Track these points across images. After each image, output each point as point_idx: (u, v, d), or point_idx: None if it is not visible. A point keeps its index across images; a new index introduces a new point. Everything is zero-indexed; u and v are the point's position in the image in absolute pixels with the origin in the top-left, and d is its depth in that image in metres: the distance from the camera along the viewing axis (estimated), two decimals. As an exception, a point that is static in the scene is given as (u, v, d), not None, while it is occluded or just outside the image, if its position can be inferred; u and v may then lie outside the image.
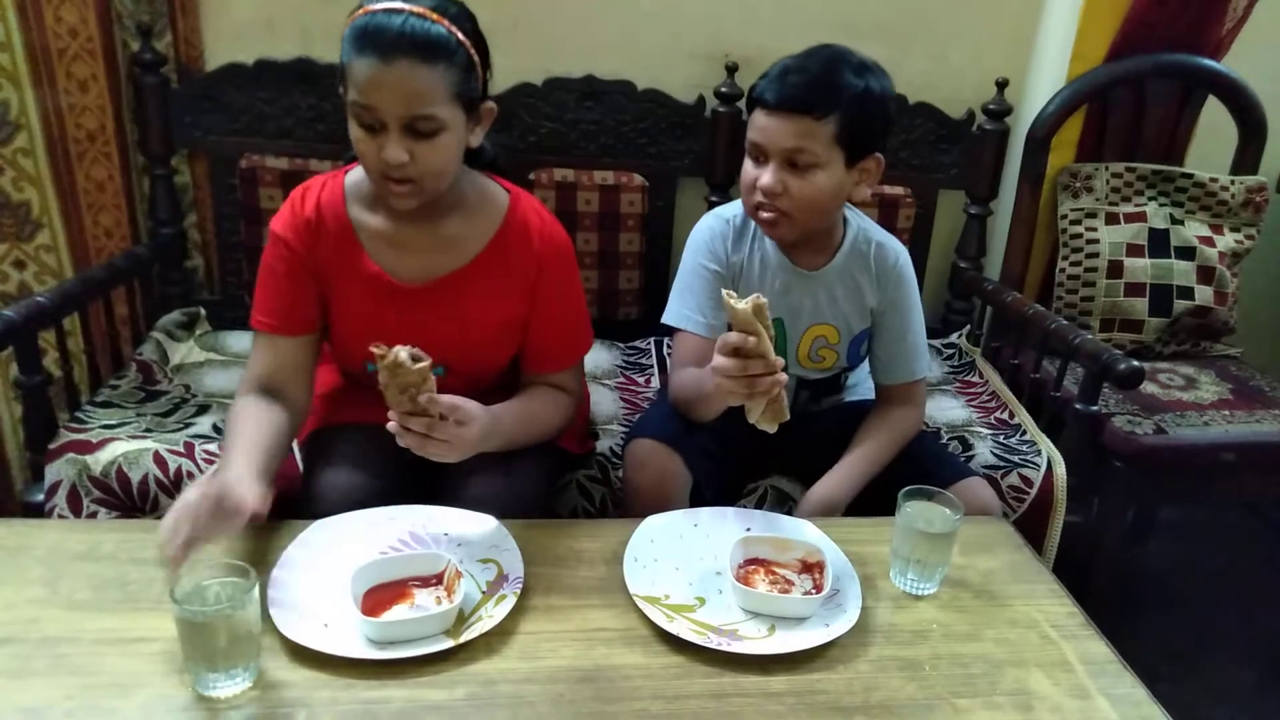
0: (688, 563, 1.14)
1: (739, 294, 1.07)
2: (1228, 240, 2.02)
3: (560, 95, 1.93)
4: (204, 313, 1.96)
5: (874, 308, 1.44)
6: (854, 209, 1.47)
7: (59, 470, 1.41)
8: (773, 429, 1.13)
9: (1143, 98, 2.01)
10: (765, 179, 1.28)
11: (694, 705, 0.93)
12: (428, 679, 0.93)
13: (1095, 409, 1.66)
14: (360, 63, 1.09)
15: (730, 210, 1.45)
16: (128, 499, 1.40)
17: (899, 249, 1.45)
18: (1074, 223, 2.02)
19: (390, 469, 1.25)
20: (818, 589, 1.08)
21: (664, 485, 1.32)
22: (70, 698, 0.88)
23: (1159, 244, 2.00)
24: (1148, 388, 1.85)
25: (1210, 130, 2.06)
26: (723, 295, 1.07)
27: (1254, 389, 1.90)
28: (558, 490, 1.46)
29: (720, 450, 1.39)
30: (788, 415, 1.12)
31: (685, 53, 1.97)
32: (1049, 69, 2.03)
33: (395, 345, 1.02)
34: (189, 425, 1.56)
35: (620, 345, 2.01)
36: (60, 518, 1.39)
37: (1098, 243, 2.00)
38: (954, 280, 2.15)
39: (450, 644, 0.96)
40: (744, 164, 1.34)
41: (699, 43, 1.97)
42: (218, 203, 1.93)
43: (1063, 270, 2.03)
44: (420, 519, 1.16)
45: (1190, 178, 2.03)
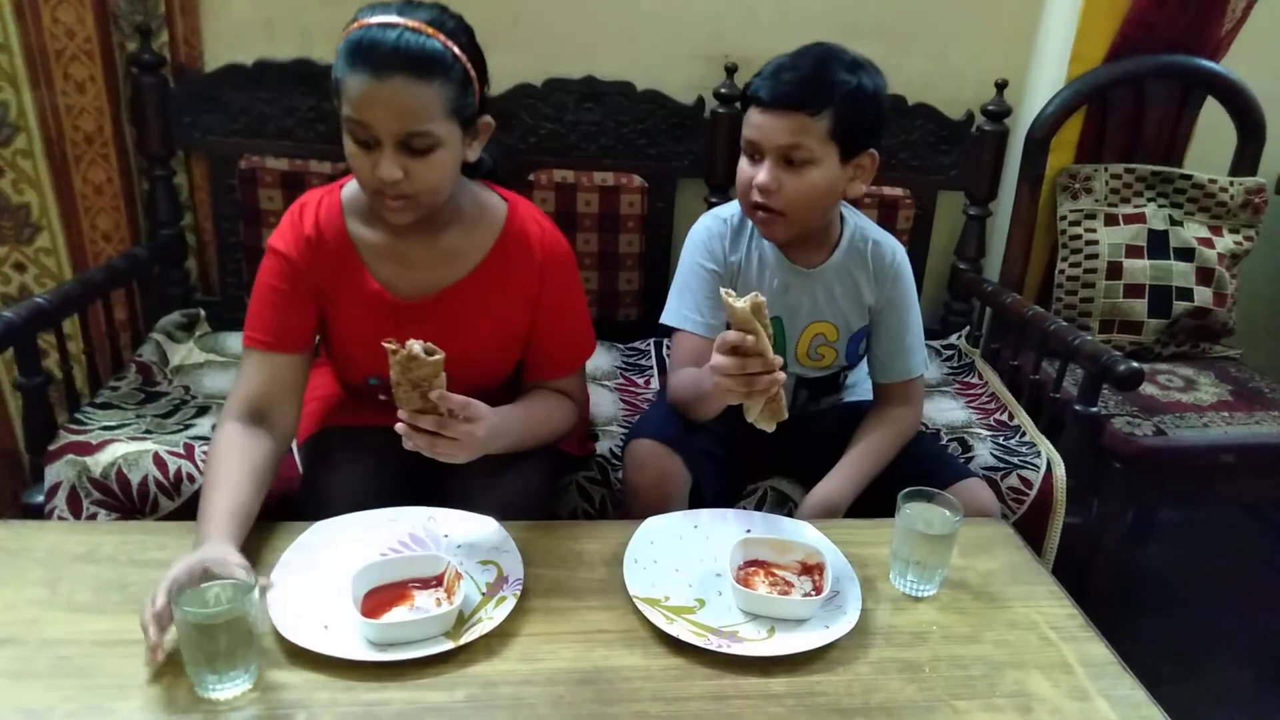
0: (688, 564, 1.14)
1: (737, 293, 1.07)
2: (1227, 241, 2.02)
3: (560, 96, 1.93)
4: (203, 314, 1.96)
5: (872, 305, 1.45)
6: (851, 208, 1.47)
7: (59, 472, 1.40)
8: (771, 428, 1.13)
9: (1142, 99, 2.01)
10: (761, 176, 1.29)
11: (694, 707, 0.93)
12: (428, 681, 0.93)
13: (1095, 410, 1.66)
14: (354, 78, 1.07)
15: (728, 210, 1.45)
16: (127, 500, 1.40)
17: (896, 247, 1.45)
18: (1073, 224, 2.02)
19: (390, 470, 1.25)
20: (817, 591, 1.08)
21: (664, 486, 1.32)
22: (70, 699, 0.88)
23: (1158, 245, 2.00)
24: (1147, 389, 1.85)
25: (1209, 131, 2.06)
26: (721, 294, 1.08)
27: (1253, 390, 1.90)
28: (558, 492, 1.46)
29: (720, 451, 1.40)
30: (786, 414, 1.12)
31: (685, 54, 1.97)
32: (1048, 70, 2.03)
33: (408, 339, 1.01)
34: (189, 426, 1.56)
35: (620, 346, 2.01)
36: (60, 519, 1.39)
37: (1097, 244, 2.00)
38: (953, 281, 2.15)
39: (450, 646, 0.96)
40: (739, 163, 1.34)
41: (699, 44, 1.97)
42: (217, 204, 1.93)
43: (1062, 271, 2.03)
44: (420, 520, 1.16)
45: (1189, 179, 2.03)
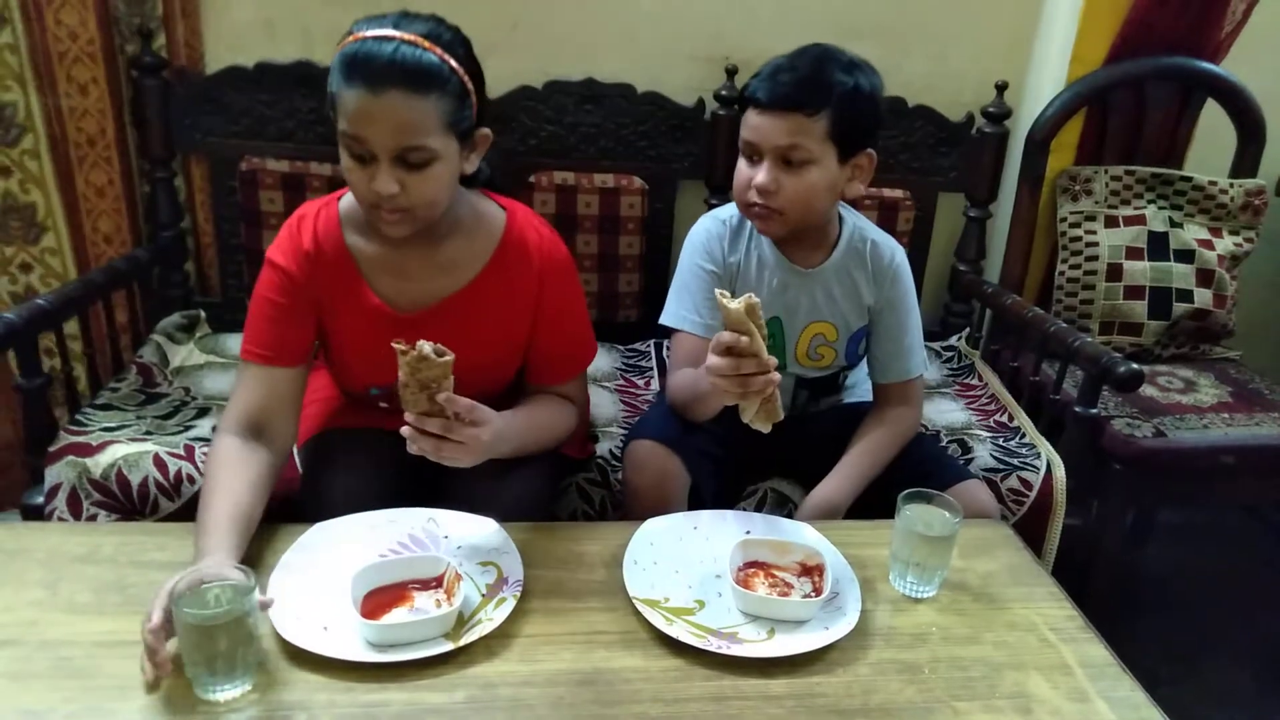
0: (687, 566, 1.14)
1: (737, 294, 1.08)
2: (1227, 243, 2.02)
3: (560, 98, 1.93)
4: (204, 315, 1.96)
5: (871, 306, 1.45)
6: (850, 208, 1.47)
7: (59, 473, 1.41)
8: (767, 429, 1.13)
9: (1142, 101, 2.01)
10: (760, 177, 1.29)
11: (694, 708, 0.93)
12: (427, 682, 0.93)
13: (1094, 412, 1.66)
14: (349, 93, 1.06)
15: (726, 211, 1.45)
16: (128, 502, 1.40)
17: (895, 247, 1.46)
18: (1073, 225, 2.02)
19: (390, 472, 1.25)
20: (817, 592, 1.08)
21: (663, 486, 1.32)
22: (70, 700, 0.88)
23: (1158, 247, 2.00)
24: (1147, 390, 1.85)
25: (1209, 133, 2.06)
26: (715, 295, 1.08)
27: (1253, 392, 1.90)
28: (558, 493, 1.46)
29: (719, 452, 1.40)
30: (781, 415, 1.12)
31: (685, 55, 1.97)
32: (1048, 72, 2.03)
33: (418, 340, 1.01)
34: (189, 428, 1.56)
35: (620, 348, 2.01)
36: (60, 520, 1.39)
37: (1097, 245, 2.00)
38: (953, 283, 2.15)
39: (450, 647, 0.96)
40: (738, 163, 1.35)
41: (699, 45, 1.97)
42: (218, 205, 1.93)
43: (1062, 273, 2.04)
44: (420, 522, 1.16)
45: (1189, 181, 2.03)
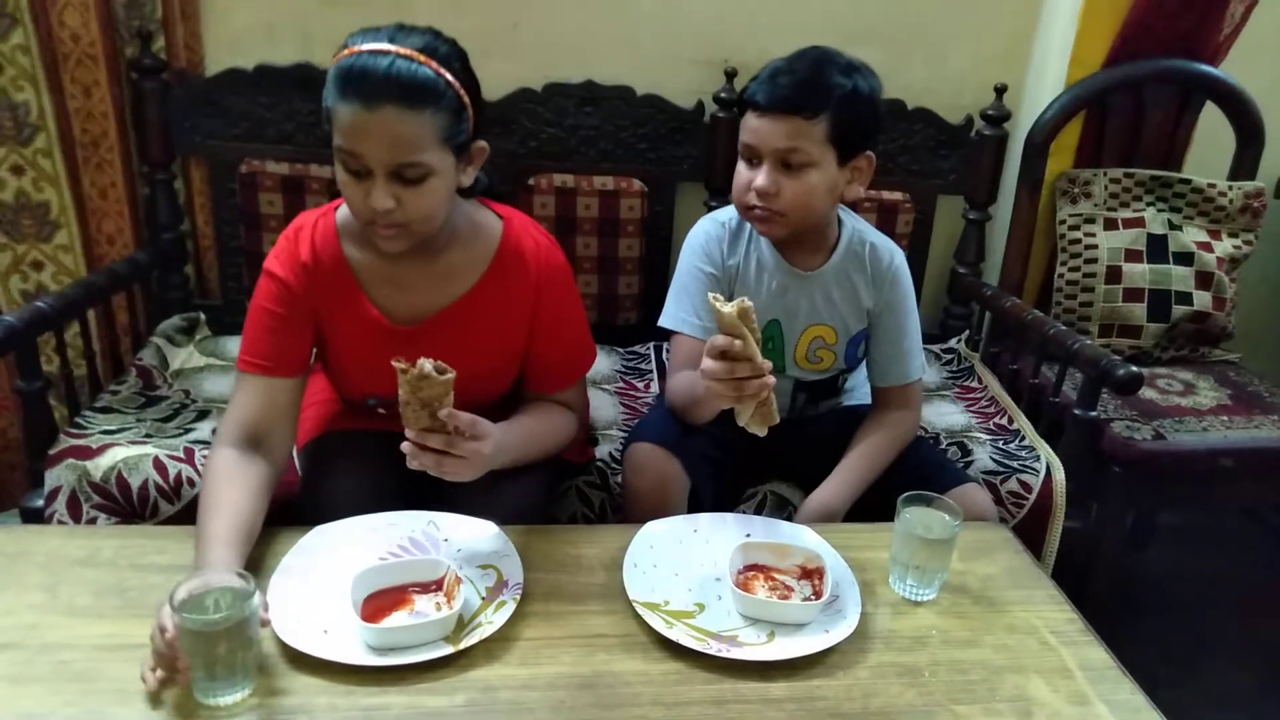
0: (687, 569, 1.14)
1: (736, 296, 1.08)
2: (1226, 246, 2.02)
3: (560, 100, 1.93)
4: (204, 318, 1.96)
5: (870, 309, 1.45)
6: (849, 211, 1.47)
7: (59, 476, 1.40)
8: (762, 432, 1.13)
9: (1141, 103, 2.01)
10: (760, 180, 1.29)
11: (694, 712, 0.93)
12: (427, 685, 0.93)
13: (1094, 414, 1.66)
14: (344, 108, 1.06)
15: (725, 214, 1.45)
16: (127, 505, 1.40)
17: (894, 250, 1.46)
18: (1072, 228, 2.03)
19: (390, 475, 1.25)
20: (817, 595, 1.08)
21: (663, 489, 1.32)
22: (70, 704, 0.88)
23: (1157, 249, 2.00)
24: (1146, 393, 1.85)
25: (1208, 136, 2.06)
26: (709, 299, 1.08)
27: (1252, 395, 1.90)
28: (557, 496, 1.46)
29: (719, 454, 1.40)
30: (777, 418, 1.13)
31: (684, 58, 1.98)
32: (1047, 74, 2.03)
33: (419, 358, 1.01)
34: (189, 431, 1.56)
35: (619, 350, 2.01)
36: (60, 523, 1.39)
37: (1096, 248, 2.00)
38: (953, 285, 2.15)
39: (450, 650, 0.96)
40: (737, 166, 1.35)
41: (698, 48, 1.97)
42: (218, 208, 1.93)
43: (1061, 276, 2.04)
44: (420, 525, 1.16)
45: (1188, 183, 2.03)
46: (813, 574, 1.11)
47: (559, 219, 1.93)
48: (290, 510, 1.24)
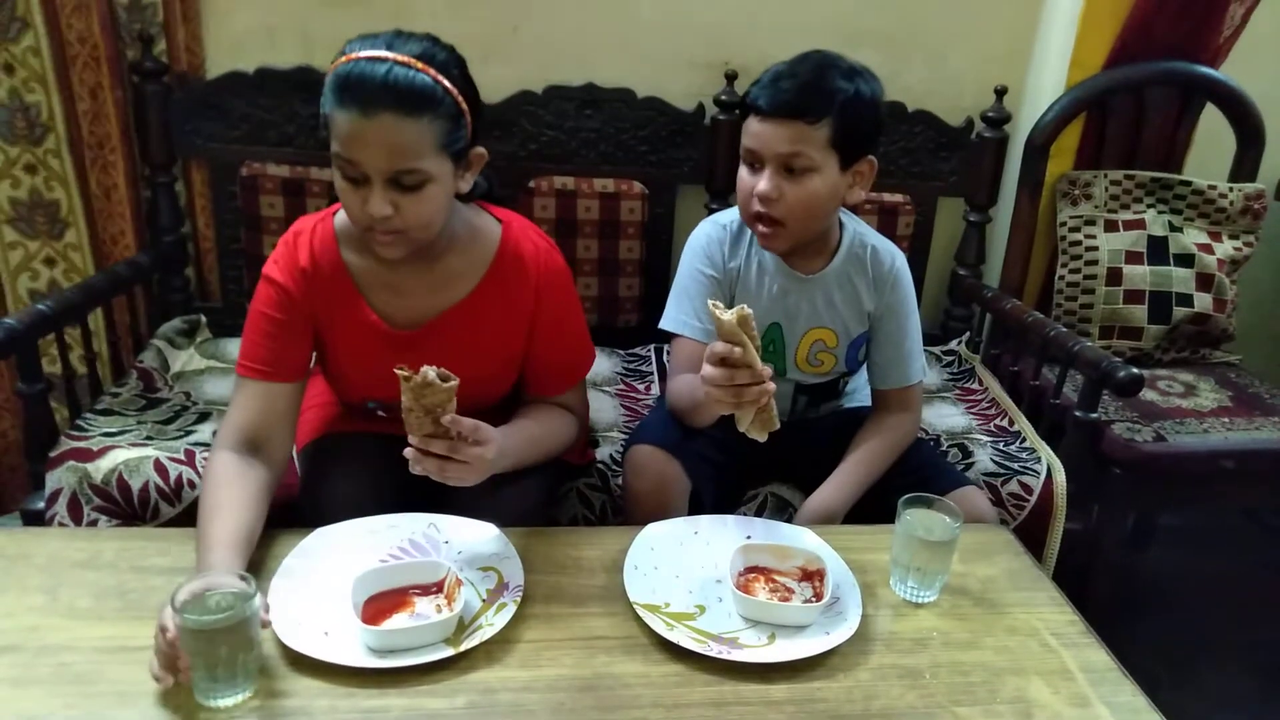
0: (688, 570, 1.14)
1: (737, 299, 1.08)
2: (1226, 247, 2.02)
3: (560, 103, 1.93)
4: (204, 320, 1.96)
5: (871, 312, 1.45)
6: (850, 214, 1.47)
7: (59, 478, 1.41)
8: (763, 438, 1.13)
9: (1141, 105, 2.02)
10: (762, 185, 1.29)
11: (694, 714, 0.93)
12: (428, 688, 0.93)
13: (1095, 416, 1.66)
14: (342, 115, 1.05)
15: (727, 216, 1.45)
16: (128, 507, 1.40)
17: (895, 253, 1.46)
18: (1073, 230, 2.03)
19: (390, 477, 1.25)
20: (818, 597, 1.08)
21: (663, 491, 1.32)
22: (71, 706, 0.88)
23: (1158, 251, 2.00)
24: (1147, 395, 1.85)
25: (1209, 138, 2.06)
26: (708, 306, 1.08)
27: (1253, 396, 1.90)
28: (557, 499, 1.46)
29: (720, 456, 1.40)
30: (778, 424, 1.12)
31: (685, 60, 1.98)
32: (1048, 76, 2.04)
33: (422, 366, 1.01)
34: (189, 433, 1.56)
35: (620, 352, 2.01)
36: (61, 526, 1.39)
37: (1097, 250, 2.00)
38: (953, 287, 2.15)
39: (451, 652, 0.96)
40: (739, 171, 1.34)
41: (698, 51, 1.98)
42: (218, 210, 1.93)
43: (1062, 277, 2.04)
44: (421, 527, 1.16)
45: (1189, 185, 2.03)
46: (813, 576, 1.11)
47: (559, 221, 1.93)
48: (290, 512, 1.24)
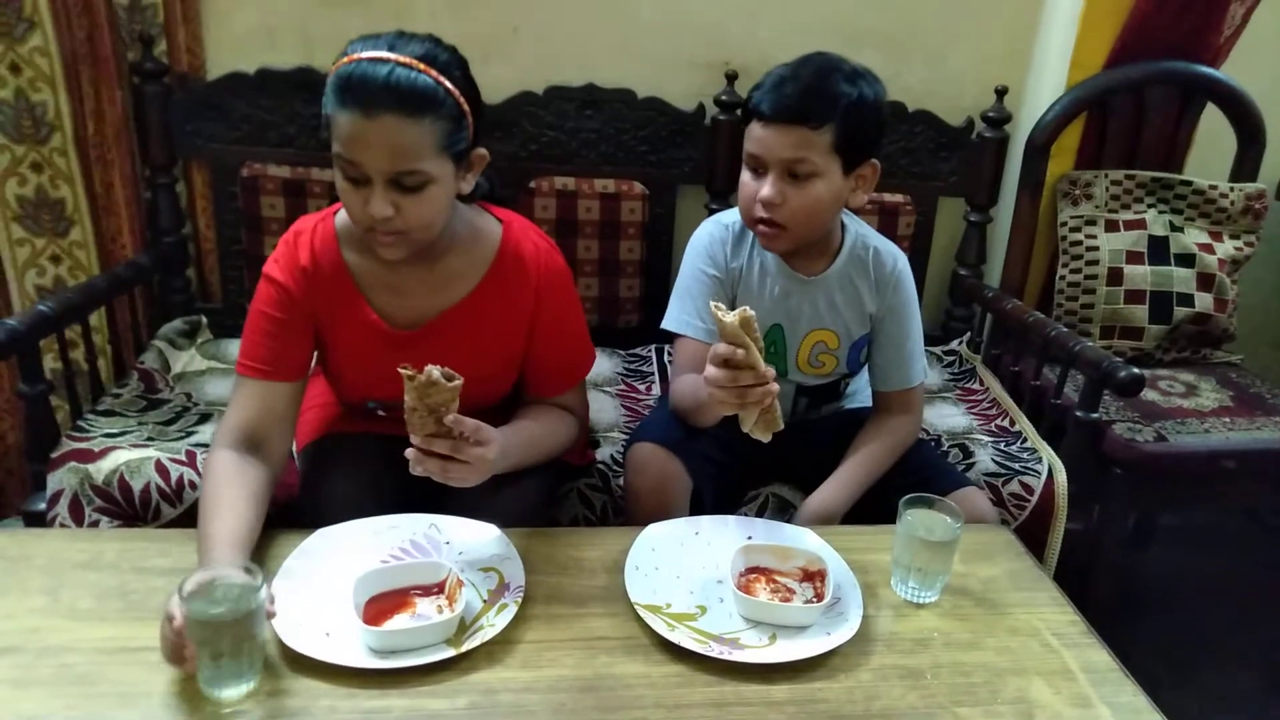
0: (689, 571, 1.14)
1: (739, 299, 1.07)
2: (1227, 247, 2.02)
3: (561, 104, 1.93)
4: (205, 321, 1.96)
5: (873, 313, 1.45)
6: (852, 215, 1.47)
7: (61, 479, 1.41)
8: (766, 438, 1.13)
9: (1142, 105, 2.02)
10: (765, 190, 1.29)
11: (695, 714, 0.93)
12: (429, 688, 0.93)
13: (1096, 416, 1.66)
14: (343, 116, 1.05)
15: (729, 217, 1.45)
16: (129, 508, 1.40)
17: (897, 254, 1.46)
18: (1074, 230, 2.03)
19: (391, 478, 1.25)
20: (819, 597, 1.08)
21: (664, 490, 1.32)
22: (72, 707, 0.88)
23: (1159, 251, 2.00)
24: (1148, 395, 1.85)
25: (1209, 137, 2.06)
26: (711, 308, 1.08)
27: (1254, 396, 1.90)
28: (559, 499, 1.46)
29: (721, 456, 1.40)
30: (781, 425, 1.12)
31: (685, 61, 1.98)
32: (1048, 76, 2.04)
33: (426, 365, 1.01)
34: (191, 434, 1.56)
35: (621, 353, 2.01)
36: (62, 527, 1.39)
37: (1097, 250, 2.00)
38: (954, 287, 2.15)
39: (452, 653, 0.96)
40: (742, 175, 1.34)
41: (699, 51, 1.98)
42: (219, 211, 1.93)
43: (1063, 277, 2.04)
44: (422, 528, 1.16)
45: (1189, 185, 2.03)
46: (814, 576, 1.11)
47: (560, 222, 1.93)
48: (290, 512, 1.24)
